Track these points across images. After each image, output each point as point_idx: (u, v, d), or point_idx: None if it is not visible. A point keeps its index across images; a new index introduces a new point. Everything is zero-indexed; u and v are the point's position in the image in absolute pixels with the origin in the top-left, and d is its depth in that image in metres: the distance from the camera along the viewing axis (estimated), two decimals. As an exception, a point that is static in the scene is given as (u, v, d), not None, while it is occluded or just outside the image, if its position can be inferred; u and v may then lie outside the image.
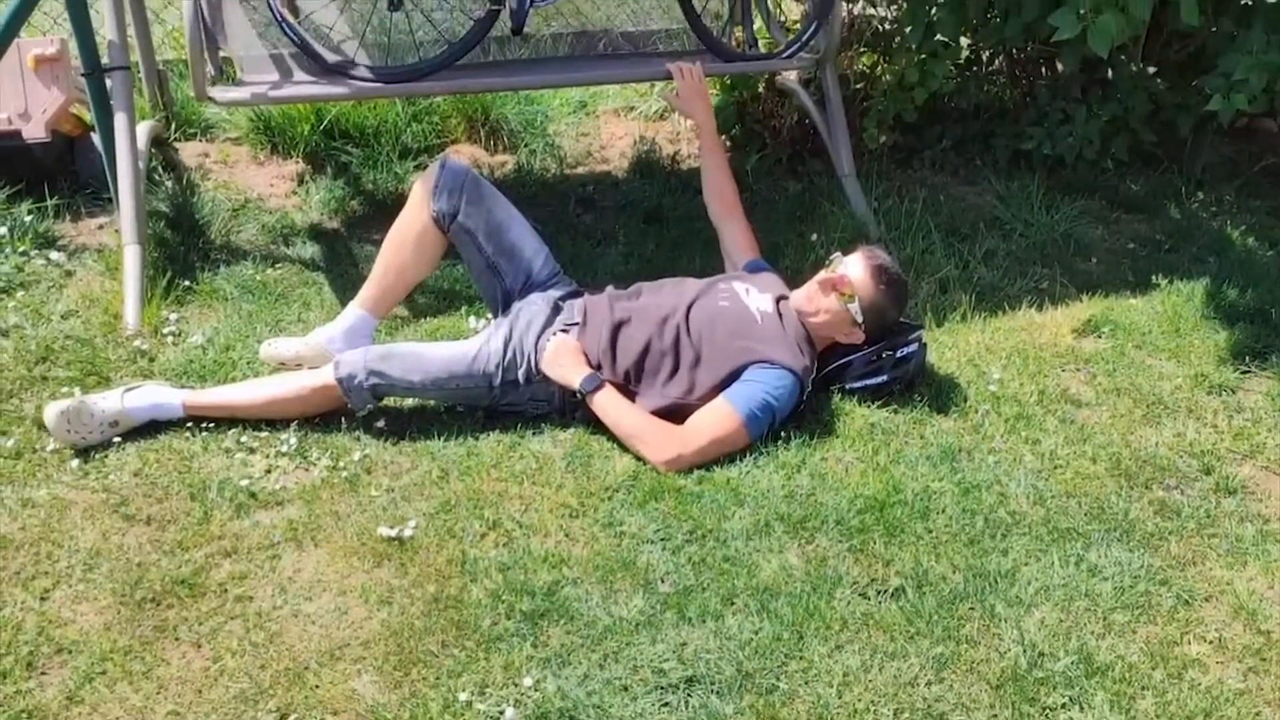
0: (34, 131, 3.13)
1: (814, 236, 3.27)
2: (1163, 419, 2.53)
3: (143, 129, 3.26)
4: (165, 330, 2.73)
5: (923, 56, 3.56)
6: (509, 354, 2.48)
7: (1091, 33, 2.93)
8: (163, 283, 2.87)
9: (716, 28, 3.59)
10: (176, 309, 2.83)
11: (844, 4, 3.65)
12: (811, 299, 2.56)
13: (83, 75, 2.97)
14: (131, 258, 2.81)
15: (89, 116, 3.19)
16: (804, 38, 3.21)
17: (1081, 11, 2.97)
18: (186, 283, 2.93)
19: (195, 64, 2.78)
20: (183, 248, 3.07)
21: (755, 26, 3.79)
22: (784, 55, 3.27)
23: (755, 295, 2.60)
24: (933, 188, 3.62)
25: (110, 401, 2.35)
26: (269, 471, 2.29)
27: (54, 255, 2.99)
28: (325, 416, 2.44)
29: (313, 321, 2.83)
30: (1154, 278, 3.12)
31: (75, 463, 2.27)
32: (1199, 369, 2.70)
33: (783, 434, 2.41)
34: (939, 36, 3.59)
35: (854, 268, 2.54)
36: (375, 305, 2.67)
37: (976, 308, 2.97)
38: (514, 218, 2.71)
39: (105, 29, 2.95)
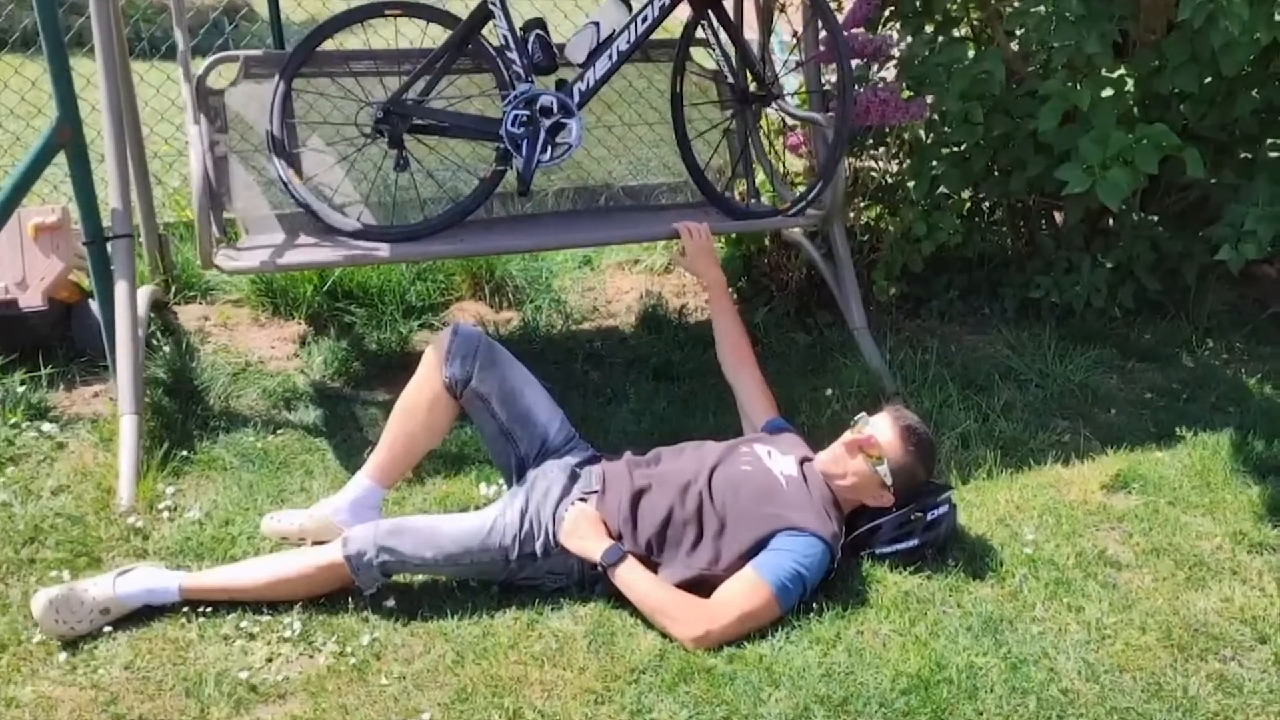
0: (31, 300, 3.07)
1: (829, 391, 3.21)
2: (1207, 581, 2.42)
3: (142, 294, 3.21)
4: (161, 505, 2.61)
5: (926, 208, 3.58)
6: (526, 526, 2.37)
7: (1101, 187, 2.95)
8: (159, 453, 2.76)
9: (720, 183, 3.61)
10: (173, 481, 2.71)
11: (847, 158, 3.69)
12: (838, 461, 2.48)
13: (84, 244, 2.93)
14: (128, 428, 2.71)
15: (88, 282, 3.13)
16: (811, 194, 3.21)
17: (1087, 165, 3.00)
18: (184, 452, 2.82)
19: (202, 232, 2.74)
20: (180, 415, 2.97)
21: (758, 180, 3.83)
22: (791, 212, 3.27)
23: (778, 458, 2.52)
24: (943, 338, 3.59)
25: (101, 588, 2.21)
26: (270, 660, 2.15)
27: (46, 427, 2.89)
28: (331, 596, 2.30)
29: (316, 491, 2.72)
30: (1177, 429, 3.06)
31: (63, 656, 2.12)
32: (1236, 526, 2.60)
33: (814, 605, 2.29)
34: (942, 189, 3.62)
35: (881, 428, 2.46)
36: (383, 475, 2.56)
37: (1001, 464, 2.89)
38: (528, 382, 2.63)
39: (108, 195, 2.92)
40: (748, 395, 2.84)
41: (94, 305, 3.11)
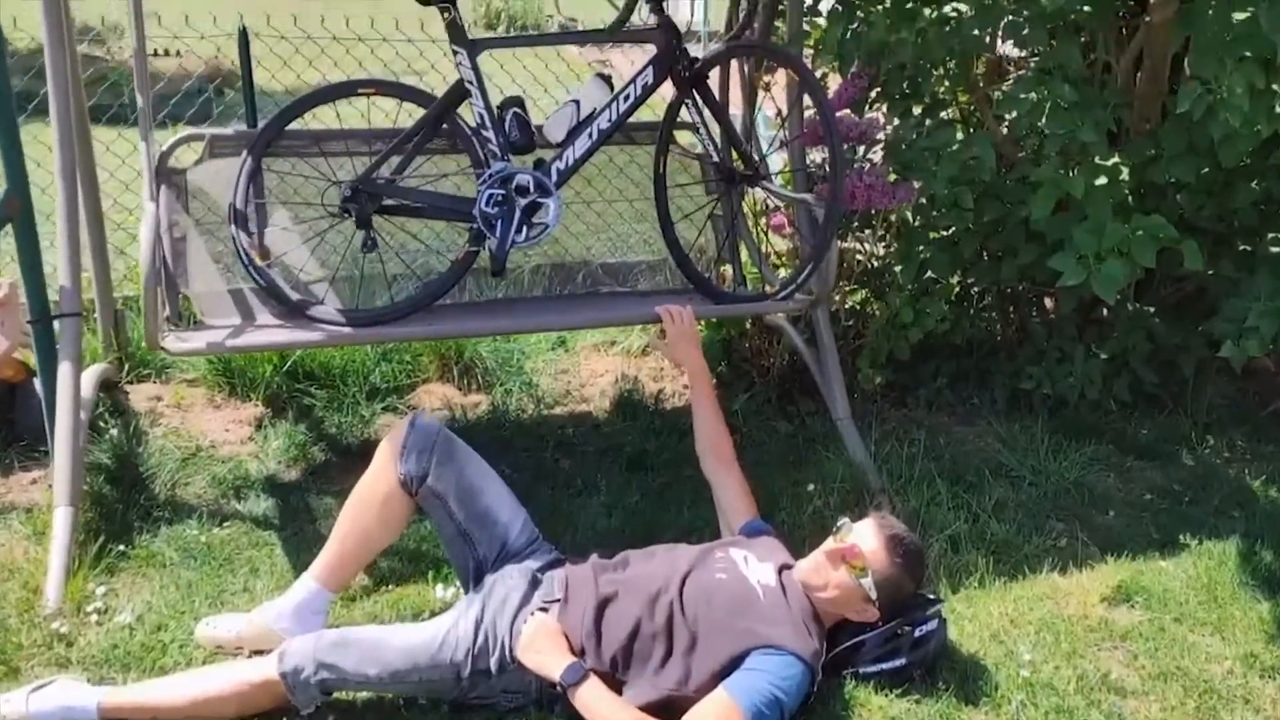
0: (-28, 379, 2.91)
1: (811, 486, 3.05)
2: (1219, 711, 2.24)
3: (92, 374, 3.05)
4: (90, 607, 2.41)
5: (914, 294, 3.45)
6: (480, 638, 2.19)
7: (1096, 280, 2.83)
8: (93, 548, 2.57)
9: (702, 263, 3.49)
10: (105, 580, 2.52)
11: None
12: (819, 571, 2.30)
13: (29, 322, 2.78)
14: (61, 521, 2.52)
15: (34, 360, 2.96)
16: (800, 279, 3.08)
17: (1081, 255, 2.88)
18: (121, 547, 2.63)
19: (148, 311, 2.59)
20: (121, 505, 2.77)
21: (741, 261, 3.70)
22: (779, 297, 3.13)
23: (755, 565, 2.35)
24: (931, 429, 3.43)
25: (13, 705, 2.03)
26: (193, 791, 1.95)
27: (-23, 517, 2.71)
28: (265, 715, 2.11)
29: (260, 592, 2.54)
30: (1180, 535, 2.89)
31: (-37, 784, 1.92)
32: (1247, 648, 2.43)
33: (792, 732, 2.11)
34: (930, 274, 3.50)
35: (866, 537, 2.29)
36: (331, 577, 2.38)
37: (994, 570, 2.72)
38: (489, 479, 2.47)
39: (58, 270, 2.77)
40: (726, 494, 2.68)
41: (39, 384, 2.94)
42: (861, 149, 3.48)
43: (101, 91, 4.32)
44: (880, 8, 3.26)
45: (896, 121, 3.45)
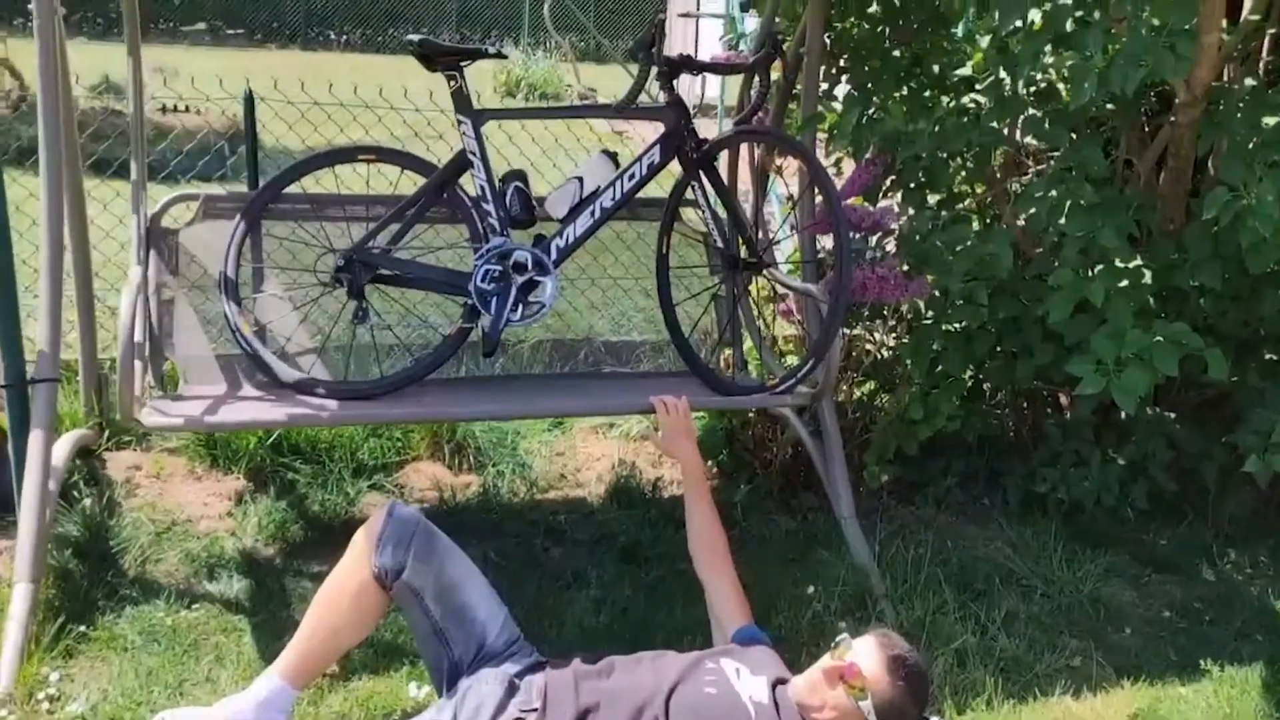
0: (-55, 444, 2.80)
1: (810, 589, 2.91)
2: None
3: (67, 441, 2.94)
4: (42, 694, 2.27)
5: (923, 387, 3.33)
6: (449, 750, 2.05)
7: (1115, 387, 2.70)
8: (52, 628, 2.44)
9: (705, 347, 3.38)
10: (62, 664, 2.38)
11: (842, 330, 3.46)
12: (815, 690, 2.15)
13: (2, 386, 2.68)
14: (20, 599, 2.39)
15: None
16: (802, 372, 2.97)
17: (1100, 361, 2.76)
18: (82, 628, 2.49)
19: (123, 381, 2.48)
20: (86, 582, 2.65)
21: (745, 347, 3.60)
22: (779, 390, 3.01)
23: (747, 678, 2.20)
24: (939, 530, 3.29)
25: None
26: None
27: (-67, 592, 2.58)
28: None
29: (224, 682, 2.40)
30: (1200, 659, 2.74)
31: None
32: (1273, 790, 2.27)
33: None
34: (941, 368, 3.38)
35: (866, 656, 2.14)
36: (297, 673, 2.24)
37: (1003, 691, 2.56)
38: (469, 574, 2.33)
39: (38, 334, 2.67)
40: (720, 598, 2.53)
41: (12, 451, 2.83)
42: (874, 238, 3.39)
43: (109, 144, 4.26)
44: (897, 95, 3.20)
45: (911, 212, 3.36)
